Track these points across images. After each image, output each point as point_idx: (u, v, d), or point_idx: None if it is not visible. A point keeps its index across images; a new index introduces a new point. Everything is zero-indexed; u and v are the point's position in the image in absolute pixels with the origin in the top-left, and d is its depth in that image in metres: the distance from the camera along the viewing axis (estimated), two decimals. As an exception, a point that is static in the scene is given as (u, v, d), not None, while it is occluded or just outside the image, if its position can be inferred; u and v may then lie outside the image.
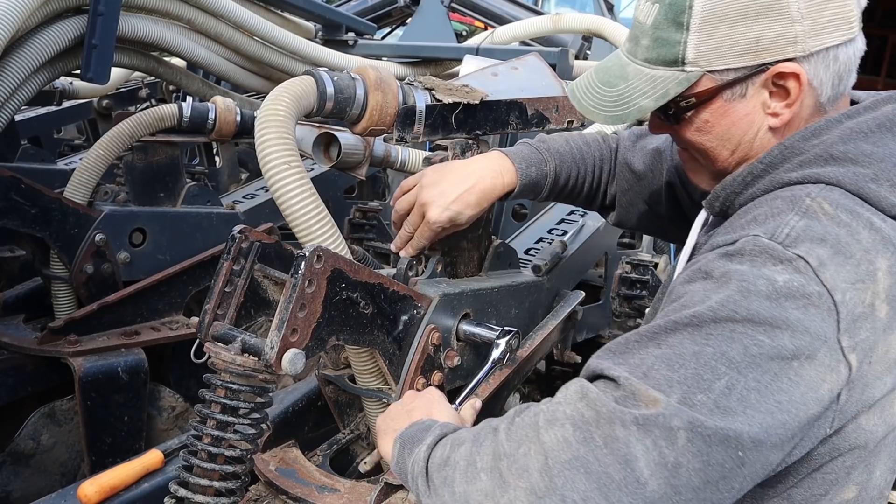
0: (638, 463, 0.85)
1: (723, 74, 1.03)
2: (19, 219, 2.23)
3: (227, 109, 2.46)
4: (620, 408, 0.87)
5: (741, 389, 0.87)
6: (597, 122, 1.17)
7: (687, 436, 0.85)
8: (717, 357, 0.88)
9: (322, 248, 1.15)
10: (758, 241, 0.94)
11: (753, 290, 0.90)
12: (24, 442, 2.27)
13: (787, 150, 1.04)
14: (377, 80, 1.34)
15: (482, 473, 0.93)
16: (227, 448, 1.19)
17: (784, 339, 0.89)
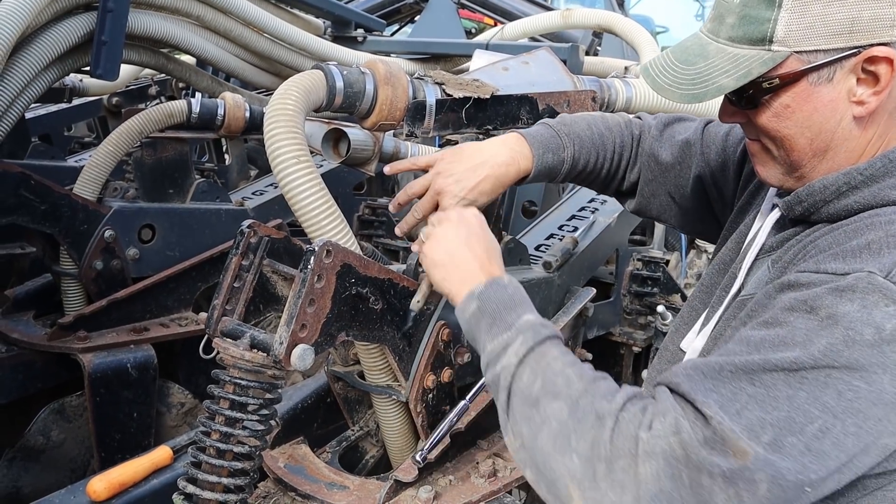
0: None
1: (811, 56, 0.98)
2: (29, 215, 2.24)
3: (236, 106, 2.46)
4: (709, 457, 0.87)
5: (837, 434, 0.87)
6: (671, 100, 1.10)
7: (768, 486, 0.86)
8: (810, 401, 0.87)
9: (331, 243, 1.14)
10: (872, 279, 0.89)
11: (859, 339, 0.87)
12: (34, 438, 2.28)
13: (891, 164, 0.99)
14: (387, 74, 1.33)
15: (574, 455, 0.95)
16: (236, 444, 1.19)
17: (884, 384, 0.87)
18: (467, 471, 1.41)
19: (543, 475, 0.98)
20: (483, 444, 1.50)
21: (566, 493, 0.96)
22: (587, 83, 1.68)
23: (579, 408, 0.97)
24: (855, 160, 1.04)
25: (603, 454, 0.93)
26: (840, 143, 1.03)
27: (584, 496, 0.93)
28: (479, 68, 1.60)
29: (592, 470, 0.93)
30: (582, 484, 0.94)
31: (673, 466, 0.89)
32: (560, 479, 0.96)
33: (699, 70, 1.05)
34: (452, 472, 1.40)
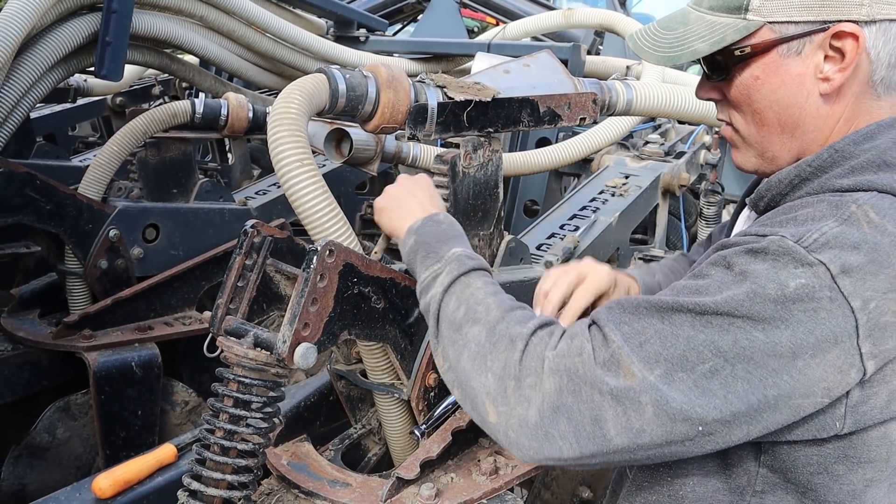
0: (607, 424, 0.95)
1: (783, 27, 1.02)
2: (34, 215, 2.25)
3: (239, 106, 2.48)
4: (602, 375, 0.95)
5: (726, 376, 0.91)
6: (649, 61, 1.17)
7: (654, 410, 0.93)
8: (706, 344, 0.92)
9: (334, 243, 1.15)
10: (783, 241, 0.93)
11: (762, 293, 0.91)
12: (39, 435, 2.30)
13: (836, 154, 1.02)
14: (389, 77, 1.34)
15: (490, 374, 1.04)
16: (240, 442, 1.20)
17: (781, 337, 0.90)
18: (469, 468, 1.43)
19: (466, 393, 1.08)
20: (484, 441, 1.51)
21: (484, 409, 1.05)
22: (588, 85, 1.68)
23: (495, 332, 1.07)
24: (823, 141, 1.07)
25: (513, 373, 1.02)
26: (808, 120, 1.06)
27: (497, 411, 1.03)
28: (480, 71, 1.61)
29: (504, 387, 1.03)
30: (496, 400, 1.03)
31: (574, 382, 0.97)
32: (479, 397, 1.06)
33: (678, 35, 1.10)
34: (454, 470, 1.42)
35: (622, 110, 1.80)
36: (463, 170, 1.48)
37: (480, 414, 1.06)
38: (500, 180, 1.59)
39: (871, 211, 0.94)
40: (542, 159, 2.59)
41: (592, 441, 0.96)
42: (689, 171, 2.80)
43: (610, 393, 0.94)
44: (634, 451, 0.96)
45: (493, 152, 1.54)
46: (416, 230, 1.24)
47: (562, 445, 0.98)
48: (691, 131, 3.26)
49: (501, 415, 1.03)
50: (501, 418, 1.03)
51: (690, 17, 1.11)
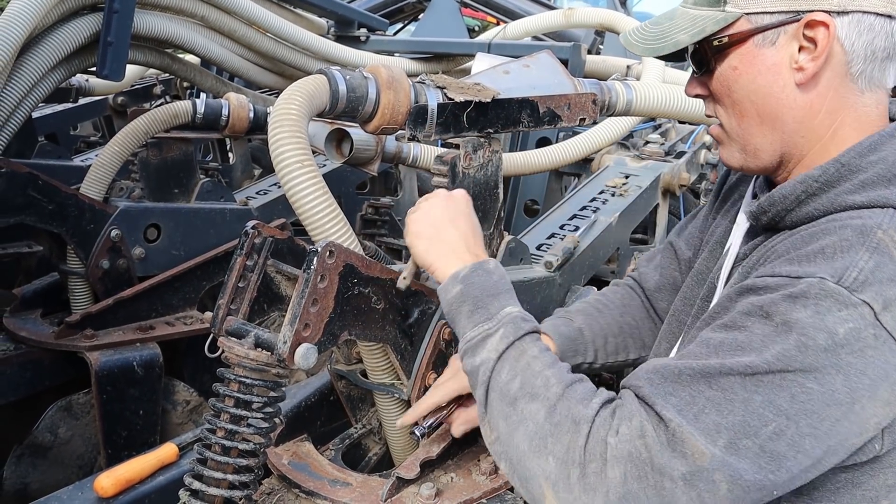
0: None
1: (759, 18, 1.06)
2: (37, 215, 2.26)
3: (240, 106, 2.48)
4: (670, 460, 0.92)
5: (792, 435, 0.90)
6: (635, 53, 1.22)
7: (728, 486, 0.91)
8: (764, 405, 0.91)
9: (334, 244, 1.16)
10: (824, 284, 0.92)
11: (812, 345, 0.90)
12: (41, 435, 2.30)
13: (843, 168, 1.02)
14: (389, 78, 1.34)
15: (551, 458, 0.99)
16: (241, 442, 1.21)
17: (836, 384, 0.90)
18: (469, 468, 1.43)
19: (518, 472, 1.03)
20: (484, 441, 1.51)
21: (540, 492, 1.00)
22: (588, 86, 1.69)
23: (556, 412, 1.01)
24: (805, 133, 1.08)
25: (577, 459, 0.98)
26: (786, 111, 1.08)
27: (559, 497, 0.98)
28: (480, 72, 1.62)
29: (567, 473, 0.98)
30: (556, 486, 0.98)
31: (639, 468, 0.94)
32: (534, 479, 1.01)
33: (663, 28, 1.15)
34: (454, 470, 1.42)
35: (622, 111, 1.81)
36: (463, 170, 1.48)
37: (535, 497, 1.01)
38: (500, 181, 1.60)
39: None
40: (543, 159, 2.60)
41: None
42: (690, 171, 2.80)
43: (682, 478, 0.92)
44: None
45: (493, 153, 1.55)
46: (462, 278, 1.14)
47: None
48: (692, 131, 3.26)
49: (563, 501, 0.98)
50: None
51: (677, 13, 1.16)
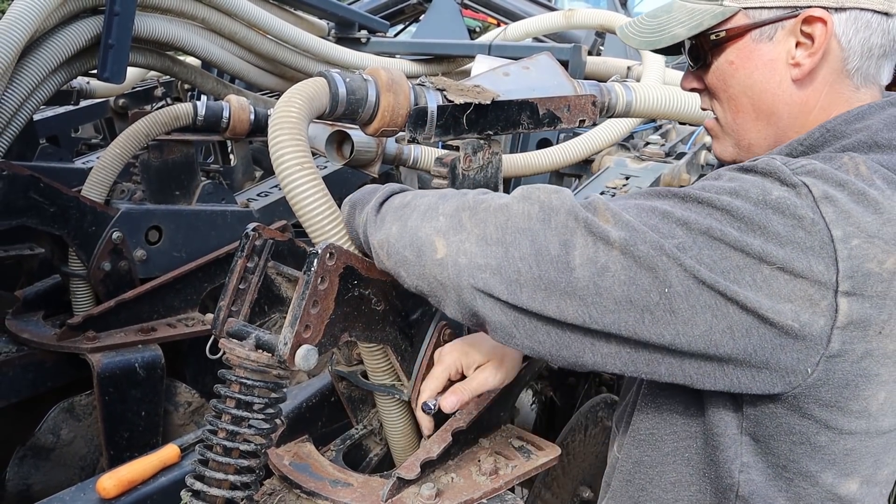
0: (574, 250, 0.94)
1: (756, 13, 1.07)
2: (38, 217, 2.26)
3: (240, 108, 2.48)
4: (580, 208, 0.96)
5: (692, 255, 0.91)
6: (632, 45, 1.22)
7: (621, 249, 0.92)
8: (679, 221, 0.93)
9: (334, 246, 1.17)
10: (771, 161, 0.96)
11: (744, 193, 0.93)
12: (44, 436, 2.31)
13: (828, 133, 1.04)
14: (389, 81, 1.35)
15: (442, 216, 1.03)
16: (242, 442, 1.21)
17: (753, 240, 0.91)
18: (469, 468, 1.43)
19: (413, 248, 1.05)
20: (485, 441, 1.52)
21: (431, 249, 1.03)
22: (587, 87, 1.69)
23: (446, 193, 1.09)
24: (799, 129, 1.09)
25: (468, 205, 1.02)
26: (782, 107, 1.09)
27: (448, 241, 1.01)
28: (480, 74, 1.62)
29: (458, 219, 1.02)
30: (447, 234, 1.02)
31: (546, 213, 0.96)
32: (426, 241, 1.03)
33: (661, 21, 1.16)
34: (454, 470, 1.42)
35: (622, 112, 1.81)
36: (463, 172, 1.49)
37: (426, 257, 1.03)
38: (500, 182, 1.60)
39: (863, 165, 0.96)
40: (543, 160, 2.60)
41: (554, 266, 0.94)
42: (690, 172, 2.80)
43: (585, 221, 0.94)
44: (592, 298, 0.93)
45: (492, 154, 1.55)
46: (349, 198, 1.25)
47: (520, 267, 0.95)
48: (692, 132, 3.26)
49: (452, 244, 1.00)
50: (452, 247, 1.00)
51: (674, 6, 1.16)
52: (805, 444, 1.00)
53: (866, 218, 0.91)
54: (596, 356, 0.99)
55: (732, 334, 0.92)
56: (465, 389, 1.28)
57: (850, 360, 0.94)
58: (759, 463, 1.03)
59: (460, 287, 1.00)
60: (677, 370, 0.98)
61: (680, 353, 0.95)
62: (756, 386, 0.96)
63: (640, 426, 1.17)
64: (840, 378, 0.95)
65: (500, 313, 0.99)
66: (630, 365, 0.99)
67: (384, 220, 1.13)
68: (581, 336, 0.97)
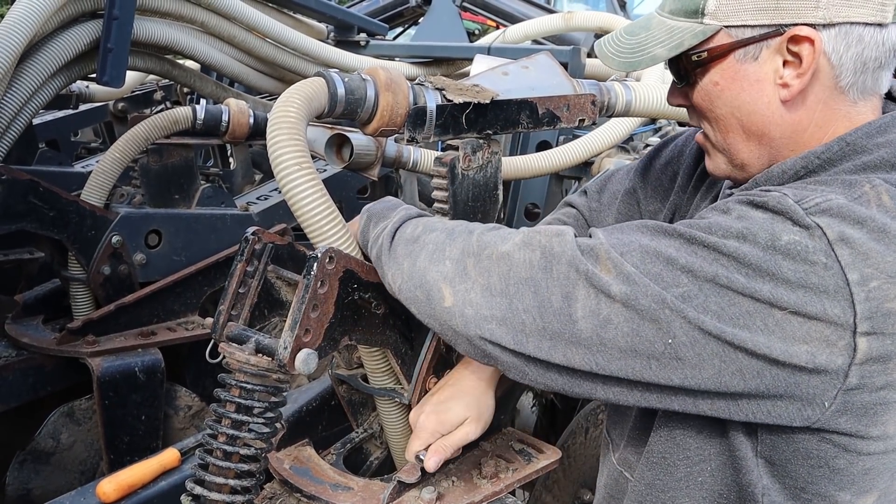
0: (576, 303, 0.93)
1: (739, 31, 1.01)
2: (38, 221, 2.26)
3: (240, 112, 2.48)
4: (581, 258, 0.94)
5: (697, 305, 0.89)
6: (609, 66, 1.16)
7: (623, 303, 0.91)
8: (684, 269, 0.91)
9: (334, 250, 1.16)
10: (783, 199, 0.91)
11: (752, 238, 0.89)
12: (44, 440, 2.31)
13: (848, 147, 0.99)
14: (388, 80, 1.34)
15: (448, 261, 1.03)
16: (242, 447, 1.21)
17: (762, 286, 0.88)
18: (470, 472, 1.43)
19: (422, 291, 1.05)
20: (486, 445, 1.51)
21: (439, 296, 1.02)
22: (587, 87, 1.69)
23: (454, 231, 1.08)
24: (794, 148, 1.04)
25: (473, 251, 1.01)
26: (773, 128, 1.04)
27: (454, 290, 1.01)
28: (479, 73, 1.62)
29: (463, 266, 1.01)
30: (453, 281, 1.01)
31: (548, 260, 0.96)
32: (434, 286, 1.03)
33: (639, 40, 1.10)
34: (455, 474, 1.42)
35: (621, 111, 1.81)
36: (462, 172, 1.48)
37: (434, 303, 1.03)
38: (500, 182, 1.59)
39: (886, 195, 0.91)
40: (543, 163, 2.60)
41: (557, 318, 0.94)
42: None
43: (586, 273, 0.93)
44: (596, 348, 0.92)
45: (492, 154, 1.54)
46: (368, 209, 1.26)
47: (525, 319, 0.96)
48: (692, 132, 3.26)
49: (458, 293, 1.00)
50: (458, 297, 1.00)
51: (653, 22, 1.10)
52: (824, 467, 0.99)
53: (887, 258, 0.87)
54: (608, 394, 0.99)
55: (743, 376, 0.91)
56: (446, 447, 1.26)
57: (870, 391, 0.92)
58: (777, 485, 1.02)
59: (469, 335, 1.01)
60: (690, 406, 0.97)
61: (692, 392, 0.95)
62: (772, 419, 0.95)
63: (653, 449, 1.15)
64: (859, 408, 0.93)
65: (511, 357, 1.00)
66: (643, 401, 0.99)
67: (396, 254, 1.13)
68: (591, 379, 0.98)
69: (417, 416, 1.28)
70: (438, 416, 1.25)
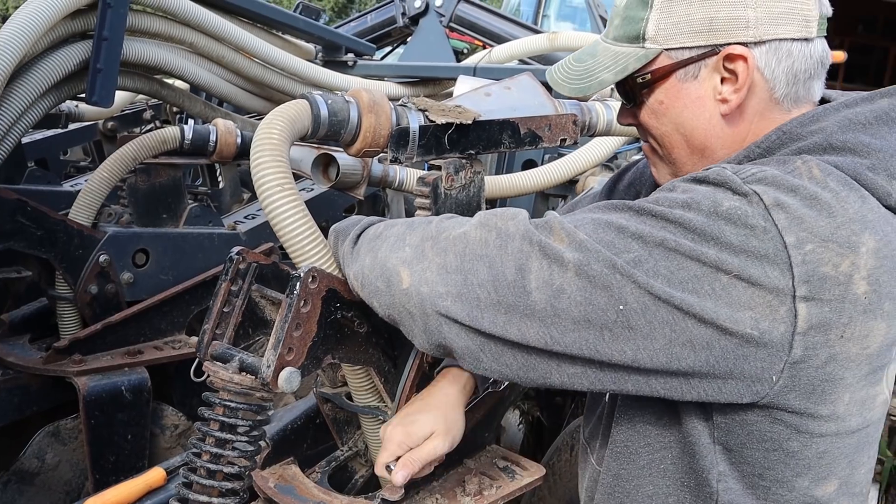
0: (530, 274, 0.96)
1: (678, 53, 1.08)
2: (25, 240, 2.26)
3: (227, 132, 2.50)
4: (535, 231, 0.98)
5: (648, 269, 0.93)
6: (561, 92, 1.23)
7: (575, 271, 0.94)
8: (634, 235, 0.95)
9: (316, 269, 1.18)
10: (722, 171, 0.97)
11: (695, 205, 0.94)
12: (28, 461, 2.29)
13: (784, 136, 1.05)
14: (370, 102, 1.36)
15: (408, 247, 1.06)
16: (226, 465, 1.22)
17: (707, 250, 0.92)
18: (454, 490, 1.44)
19: (383, 279, 1.08)
20: (470, 462, 1.52)
21: (398, 280, 1.06)
22: (568, 107, 1.71)
23: (414, 223, 1.12)
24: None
25: (431, 235, 1.05)
26: (714, 141, 1.11)
27: (412, 271, 1.04)
28: (462, 94, 1.64)
29: (421, 249, 1.04)
30: (411, 264, 1.04)
31: (503, 239, 0.99)
32: (393, 271, 1.06)
33: (587, 66, 1.17)
34: (439, 491, 1.43)
35: (603, 130, 1.83)
36: (445, 191, 1.50)
37: (394, 287, 1.06)
38: (483, 201, 1.61)
39: (816, 168, 0.97)
40: (528, 182, 2.63)
41: (511, 290, 0.96)
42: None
43: (539, 244, 0.96)
44: (550, 320, 0.95)
45: (475, 173, 1.56)
46: (334, 228, 1.27)
47: (479, 293, 0.98)
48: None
49: (415, 273, 1.03)
50: (415, 277, 1.03)
51: (599, 49, 1.17)
52: (778, 450, 1.01)
53: (819, 222, 0.92)
54: (563, 376, 1.01)
55: (693, 347, 0.94)
56: (414, 460, 1.24)
57: (815, 366, 0.95)
58: (735, 472, 1.05)
59: (426, 314, 1.03)
60: (644, 386, 0.99)
61: (644, 370, 0.97)
62: (723, 396, 0.98)
63: (616, 439, 1.18)
64: (806, 384, 0.96)
65: (465, 338, 1.02)
66: (597, 383, 1.00)
67: (359, 253, 1.16)
68: (546, 358, 0.99)
69: (385, 428, 1.29)
70: (405, 427, 1.26)
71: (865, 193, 0.97)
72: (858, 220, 0.94)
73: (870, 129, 1.03)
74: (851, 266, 0.92)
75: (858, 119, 1.03)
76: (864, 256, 0.93)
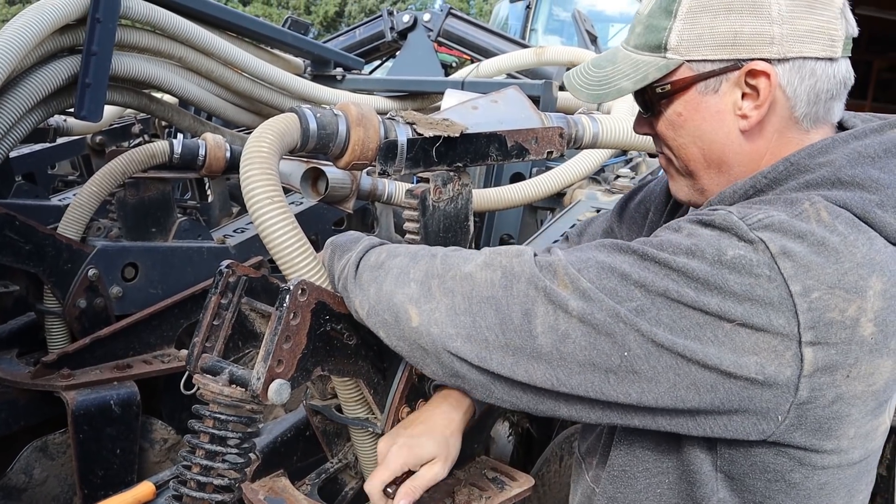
0: (536, 319, 0.97)
1: (700, 65, 1.07)
2: (13, 255, 2.25)
3: (216, 146, 2.50)
4: (539, 275, 0.98)
5: (651, 317, 0.93)
6: (579, 98, 1.21)
7: (580, 318, 0.95)
8: (637, 284, 0.95)
9: (306, 282, 1.18)
10: (728, 216, 0.96)
11: (699, 253, 0.94)
12: (16, 476, 2.28)
13: (792, 167, 1.04)
14: (359, 115, 1.38)
15: (413, 283, 1.07)
16: (216, 477, 1.22)
17: (710, 300, 0.92)
18: (443, 501, 1.44)
19: (390, 314, 1.09)
20: (459, 473, 1.53)
21: (406, 317, 1.06)
22: (554, 119, 1.73)
23: (417, 254, 1.11)
24: (751, 174, 1.09)
25: (436, 272, 1.05)
26: (732, 156, 1.10)
27: (420, 310, 1.04)
28: (449, 107, 1.66)
29: (428, 286, 1.05)
30: (419, 303, 1.05)
31: (507, 278, 1.00)
32: (401, 308, 1.07)
33: (606, 73, 1.16)
34: (428, 503, 1.43)
35: (589, 143, 1.85)
36: (433, 203, 1.51)
37: (403, 323, 1.07)
38: (471, 213, 1.63)
39: (824, 211, 0.96)
40: (516, 194, 2.64)
41: (518, 334, 0.97)
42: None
43: (545, 290, 0.97)
44: (556, 363, 0.96)
45: (462, 186, 1.58)
46: (331, 241, 1.27)
47: (487, 335, 0.99)
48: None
49: (424, 313, 1.04)
50: (424, 317, 1.04)
51: (619, 56, 1.16)
52: (780, 481, 1.02)
53: (827, 269, 0.92)
54: (571, 411, 1.02)
55: (697, 390, 0.95)
56: (416, 488, 1.25)
57: (822, 405, 0.95)
58: (735, 498, 1.05)
59: (438, 352, 1.04)
60: (650, 422, 1.01)
61: (650, 409, 0.98)
62: (729, 433, 0.98)
63: (614, 462, 1.18)
64: (812, 422, 0.96)
65: (476, 374, 1.04)
66: (604, 419, 1.02)
67: (362, 281, 1.16)
68: (554, 397, 1.01)
69: (388, 446, 1.29)
70: (412, 450, 1.27)
71: (873, 234, 0.96)
72: (866, 263, 0.93)
73: (878, 163, 1.02)
74: (858, 310, 0.92)
75: (867, 152, 1.02)
76: (871, 299, 0.93)
